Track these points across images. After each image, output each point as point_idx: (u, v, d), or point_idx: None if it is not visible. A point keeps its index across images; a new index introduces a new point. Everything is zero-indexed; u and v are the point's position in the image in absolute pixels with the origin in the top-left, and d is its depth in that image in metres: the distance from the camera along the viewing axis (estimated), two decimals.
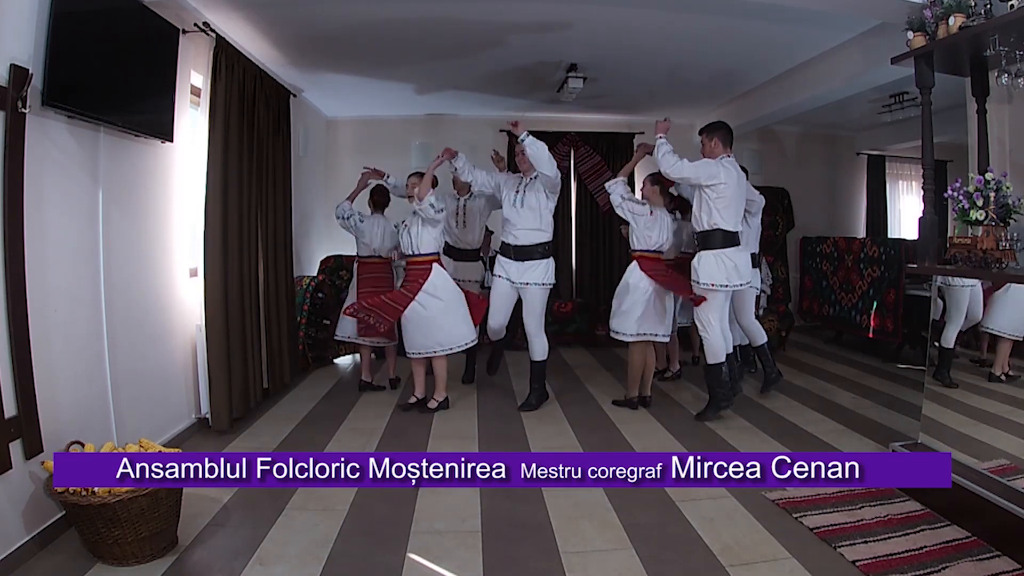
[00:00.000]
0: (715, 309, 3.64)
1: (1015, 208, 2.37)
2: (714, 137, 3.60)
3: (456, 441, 3.48)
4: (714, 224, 3.54)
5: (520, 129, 3.72)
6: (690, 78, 5.27)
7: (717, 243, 3.55)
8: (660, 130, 3.64)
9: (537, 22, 3.92)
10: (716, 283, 3.55)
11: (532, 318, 3.92)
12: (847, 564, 2.15)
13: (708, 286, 3.56)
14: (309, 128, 5.89)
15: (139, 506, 2.12)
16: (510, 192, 3.94)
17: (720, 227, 3.53)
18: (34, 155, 2.23)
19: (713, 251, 3.56)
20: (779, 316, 5.90)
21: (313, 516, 2.54)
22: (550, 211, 3.92)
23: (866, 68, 4.09)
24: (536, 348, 3.97)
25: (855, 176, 7.79)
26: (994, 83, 2.58)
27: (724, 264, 3.54)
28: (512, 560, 2.23)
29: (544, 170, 3.74)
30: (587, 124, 6.83)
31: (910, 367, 5.00)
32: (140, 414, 2.98)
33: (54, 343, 2.37)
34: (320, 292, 5.29)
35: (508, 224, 3.94)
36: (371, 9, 3.69)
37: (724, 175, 3.48)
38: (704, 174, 3.48)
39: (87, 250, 2.65)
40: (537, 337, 3.95)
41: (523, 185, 3.93)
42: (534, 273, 3.89)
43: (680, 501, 2.67)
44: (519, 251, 3.89)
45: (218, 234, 3.47)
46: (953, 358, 2.92)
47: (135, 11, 2.80)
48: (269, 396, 4.25)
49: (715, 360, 3.67)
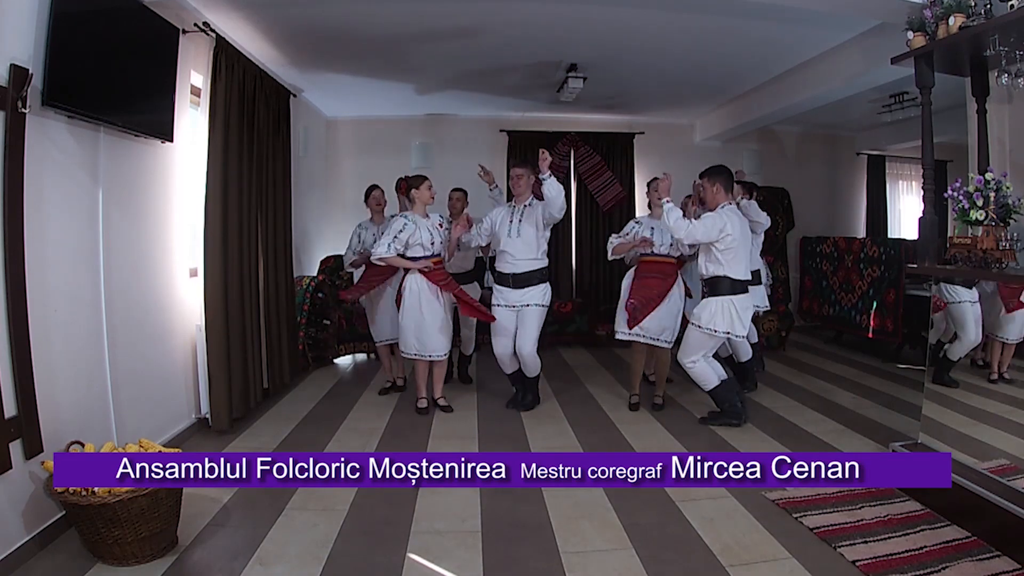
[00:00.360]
0: (704, 350, 3.61)
1: (1015, 208, 2.37)
2: (716, 183, 3.52)
3: (456, 441, 3.48)
4: (722, 273, 3.49)
5: (544, 167, 3.61)
6: (690, 78, 5.27)
7: (725, 290, 3.48)
8: (663, 192, 3.53)
9: (537, 22, 3.91)
10: (717, 330, 3.50)
11: (528, 338, 3.87)
12: (847, 564, 2.15)
13: (709, 331, 3.51)
14: (309, 128, 5.89)
15: (139, 506, 2.12)
16: (504, 223, 3.87)
17: (728, 276, 3.48)
18: (34, 155, 2.23)
19: (719, 298, 3.49)
20: (779, 316, 5.90)
21: (313, 516, 2.54)
22: (545, 239, 3.89)
23: (866, 68, 4.09)
24: (530, 367, 3.96)
25: (855, 176, 7.80)
26: (994, 83, 2.58)
27: (729, 313, 3.48)
28: (512, 560, 2.23)
29: (553, 210, 3.69)
30: (587, 124, 6.83)
31: (910, 367, 5.00)
32: (140, 414, 2.98)
33: (54, 343, 2.37)
34: (320, 292, 5.29)
35: (505, 254, 3.87)
36: (371, 9, 3.69)
37: (730, 227, 3.43)
38: (714, 233, 3.41)
39: (87, 250, 2.65)
40: (531, 358, 3.90)
41: (518, 214, 3.86)
42: (532, 295, 3.87)
43: (680, 501, 2.67)
44: (517, 279, 3.86)
45: (218, 234, 3.47)
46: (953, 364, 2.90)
47: (135, 11, 2.80)
48: (269, 396, 4.25)
49: (711, 386, 3.64)
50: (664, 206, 3.48)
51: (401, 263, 3.79)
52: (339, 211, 6.49)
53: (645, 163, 6.82)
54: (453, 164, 6.24)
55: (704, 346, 3.60)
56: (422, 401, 3.99)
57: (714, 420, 3.69)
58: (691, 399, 4.22)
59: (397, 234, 3.73)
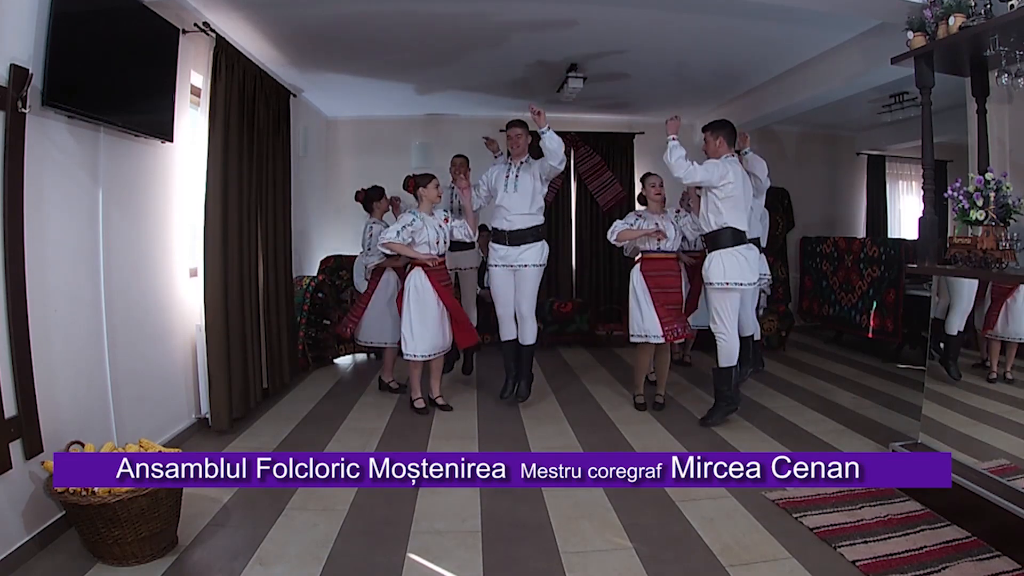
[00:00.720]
0: (731, 309, 3.59)
1: (1015, 208, 2.37)
2: (719, 136, 3.57)
3: (456, 441, 3.48)
4: (723, 223, 3.51)
5: (543, 121, 3.63)
6: (690, 78, 5.27)
7: (728, 241, 3.51)
8: (671, 130, 3.53)
9: (537, 21, 3.91)
10: (731, 282, 3.51)
11: (526, 300, 3.91)
12: (847, 564, 2.15)
13: (723, 286, 3.52)
14: (309, 128, 5.89)
15: (139, 506, 2.12)
16: (501, 178, 3.92)
17: (730, 225, 3.51)
18: (34, 155, 2.23)
19: (725, 250, 3.52)
20: (779, 316, 5.90)
21: (313, 516, 2.54)
22: (542, 195, 3.92)
23: (866, 68, 4.09)
24: (528, 332, 3.96)
25: (855, 176, 7.80)
26: (994, 83, 2.58)
27: (737, 261, 3.50)
28: (512, 560, 2.23)
29: (553, 161, 3.72)
30: (587, 124, 6.83)
31: (910, 367, 5.00)
32: (140, 414, 2.98)
33: (54, 343, 2.37)
34: (320, 292, 5.28)
35: (501, 210, 3.91)
36: (371, 9, 3.69)
37: (731, 174, 3.47)
38: (715, 176, 3.45)
39: (87, 250, 2.65)
40: (530, 320, 3.94)
41: (515, 169, 3.91)
42: (529, 254, 3.87)
43: (680, 501, 2.67)
44: (513, 236, 3.87)
45: (218, 234, 3.47)
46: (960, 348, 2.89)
47: (135, 11, 2.80)
48: (269, 396, 4.25)
49: (728, 363, 3.63)
50: (669, 142, 3.48)
51: (407, 251, 3.78)
52: (339, 211, 6.50)
53: (645, 163, 6.81)
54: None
55: (725, 305, 3.57)
56: (419, 402, 3.97)
57: (715, 416, 3.67)
58: (691, 399, 4.23)
59: (407, 224, 3.75)
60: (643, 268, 3.89)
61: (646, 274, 3.88)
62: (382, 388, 4.46)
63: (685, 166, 3.45)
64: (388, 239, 3.74)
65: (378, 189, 4.42)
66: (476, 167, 4.69)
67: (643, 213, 3.98)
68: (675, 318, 3.85)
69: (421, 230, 3.77)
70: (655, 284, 3.86)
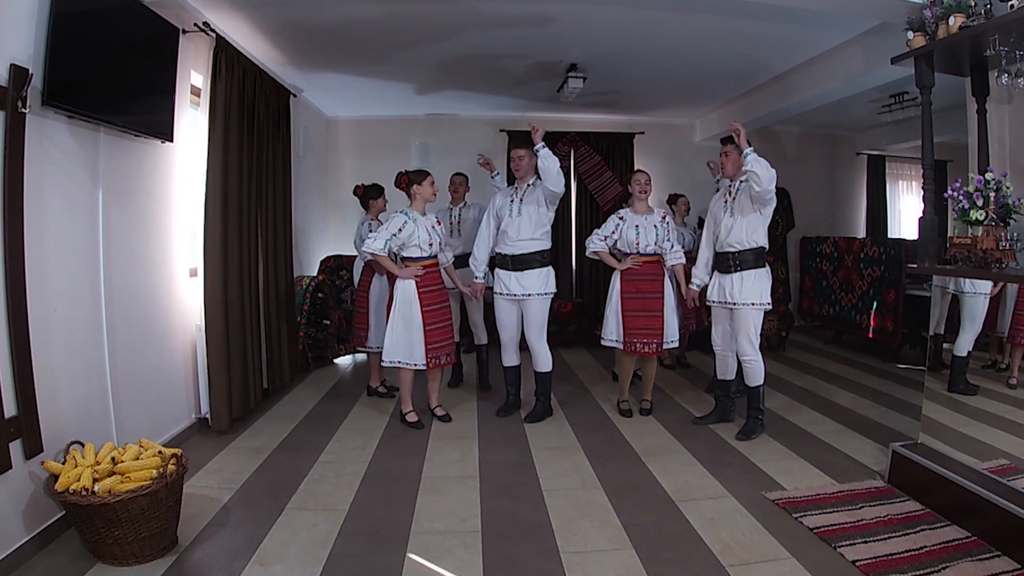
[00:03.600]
0: (758, 329, 3.46)
1: (1015, 208, 2.37)
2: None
3: (455, 441, 3.48)
4: (756, 242, 3.40)
5: (537, 137, 3.48)
6: (690, 78, 5.27)
7: (761, 262, 3.42)
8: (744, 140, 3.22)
9: (537, 21, 3.91)
10: (766, 303, 3.40)
11: (534, 330, 3.75)
12: (847, 564, 2.15)
13: (763, 305, 3.39)
14: (309, 128, 5.89)
15: (139, 506, 2.12)
16: (506, 202, 3.76)
17: (762, 244, 3.42)
18: (34, 155, 2.23)
19: (758, 270, 3.40)
20: (779, 316, 5.90)
21: (313, 516, 2.54)
22: (549, 220, 3.75)
23: (866, 68, 4.09)
24: (540, 360, 3.80)
25: (855, 176, 7.81)
26: (994, 83, 2.58)
27: (766, 282, 3.42)
28: (512, 560, 2.23)
29: (550, 184, 3.55)
30: (587, 124, 6.84)
31: (910, 367, 5.01)
32: (140, 414, 2.98)
33: (54, 343, 2.38)
34: (320, 292, 5.29)
35: (504, 235, 3.73)
36: (371, 9, 3.68)
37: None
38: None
39: (87, 250, 2.65)
40: (540, 348, 3.78)
41: (520, 194, 3.75)
42: (534, 283, 3.70)
43: (680, 501, 2.67)
44: (516, 261, 3.70)
45: (218, 234, 3.47)
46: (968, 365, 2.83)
47: (135, 11, 2.80)
48: (269, 396, 4.25)
49: (758, 382, 3.47)
50: (748, 156, 3.17)
51: (391, 268, 3.59)
52: (339, 211, 6.52)
53: (645, 163, 6.81)
54: (453, 164, 6.20)
55: (758, 326, 3.45)
56: (411, 415, 3.74)
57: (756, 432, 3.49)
58: (691, 399, 4.22)
59: (396, 232, 3.55)
60: (622, 270, 3.82)
61: (624, 276, 3.80)
62: (371, 394, 4.39)
63: (773, 175, 3.21)
64: (374, 249, 3.52)
65: (377, 187, 4.41)
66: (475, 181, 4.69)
67: (626, 215, 3.87)
68: (645, 328, 3.73)
69: (413, 232, 3.58)
70: (633, 288, 3.77)
